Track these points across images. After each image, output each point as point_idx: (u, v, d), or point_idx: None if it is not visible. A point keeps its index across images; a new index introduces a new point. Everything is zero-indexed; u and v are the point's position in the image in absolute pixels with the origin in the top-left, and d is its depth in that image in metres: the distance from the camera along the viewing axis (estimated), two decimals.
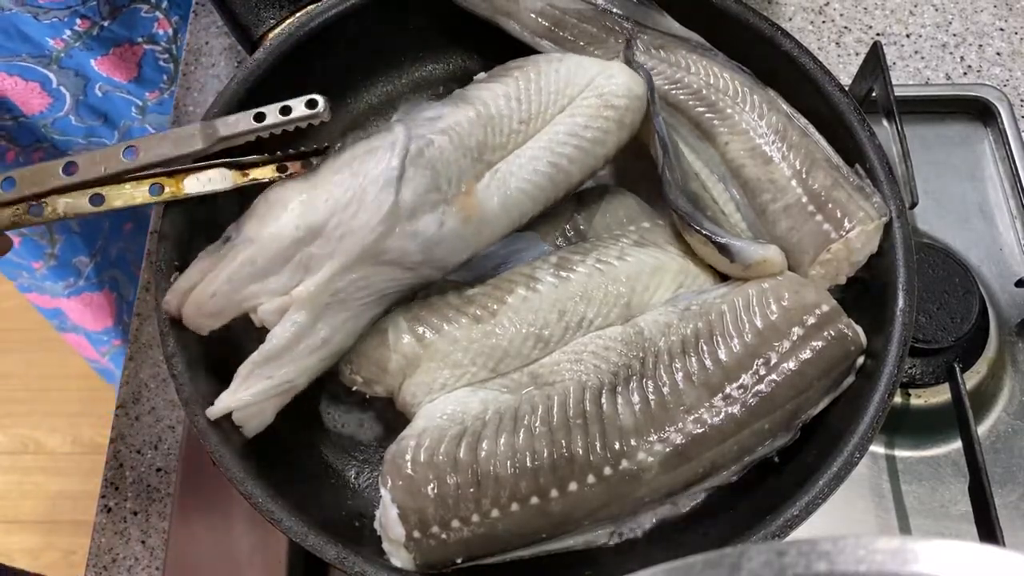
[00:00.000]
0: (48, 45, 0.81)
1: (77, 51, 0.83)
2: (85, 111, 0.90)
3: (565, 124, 0.53)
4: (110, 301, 1.06)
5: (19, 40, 0.80)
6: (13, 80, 0.83)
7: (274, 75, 0.56)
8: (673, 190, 0.53)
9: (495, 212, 0.50)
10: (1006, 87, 0.74)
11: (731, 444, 0.47)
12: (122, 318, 1.09)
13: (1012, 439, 0.60)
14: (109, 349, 1.14)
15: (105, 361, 1.16)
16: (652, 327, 0.50)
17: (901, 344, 0.48)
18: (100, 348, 1.14)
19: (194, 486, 0.60)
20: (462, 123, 0.50)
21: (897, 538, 0.20)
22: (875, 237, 0.51)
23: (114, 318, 1.08)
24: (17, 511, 1.54)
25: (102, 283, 1.04)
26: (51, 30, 0.80)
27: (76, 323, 1.09)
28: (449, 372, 0.50)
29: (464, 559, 0.47)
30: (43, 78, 0.84)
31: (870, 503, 0.59)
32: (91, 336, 1.11)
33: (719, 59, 0.57)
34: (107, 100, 0.90)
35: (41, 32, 0.80)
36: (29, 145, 0.89)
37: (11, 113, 0.86)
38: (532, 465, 0.46)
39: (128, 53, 0.87)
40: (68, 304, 1.05)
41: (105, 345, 1.13)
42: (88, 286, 1.03)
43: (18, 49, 0.80)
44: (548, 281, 0.51)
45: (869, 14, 0.78)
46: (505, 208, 0.51)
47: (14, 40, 0.80)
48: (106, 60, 0.85)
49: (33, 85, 0.84)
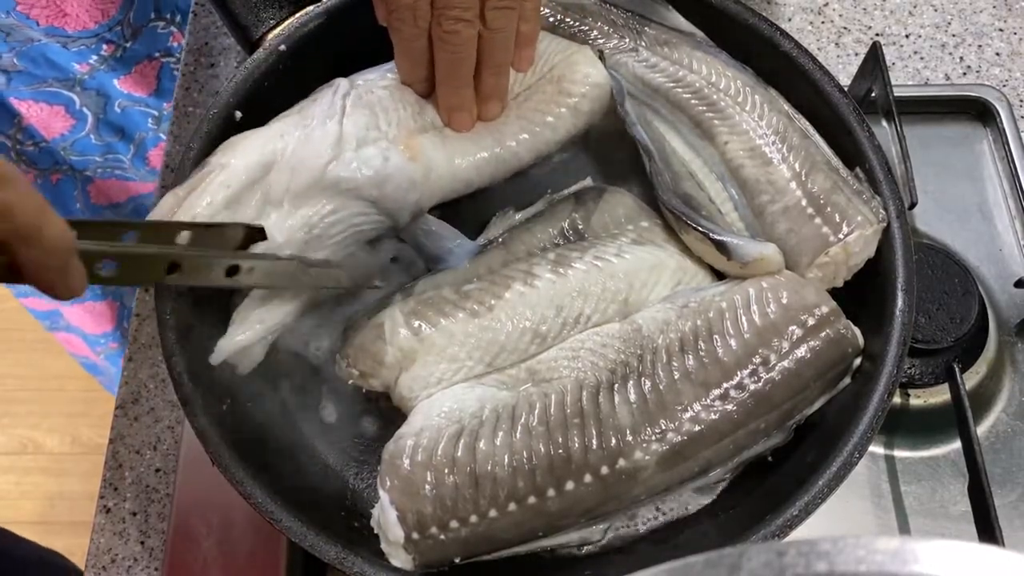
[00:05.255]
0: (74, 69, 0.82)
1: (101, 73, 0.84)
2: (105, 129, 0.90)
3: (516, 102, 0.55)
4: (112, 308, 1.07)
5: (47, 67, 0.81)
6: (39, 107, 0.84)
7: (274, 75, 0.56)
8: (666, 192, 0.53)
9: (440, 162, 0.52)
10: (1005, 87, 0.74)
11: (727, 443, 0.48)
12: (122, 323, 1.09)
13: (1011, 439, 0.60)
14: (104, 350, 1.14)
15: (100, 360, 1.16)
16: (650, 324, 0.50)
17: (900, 344, 0.48)
18: (95, 348, 1.14)
19: (194, 486, 0.60)
20: (403, 86, 0.53)
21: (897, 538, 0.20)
22: (873, 242, 0.51)
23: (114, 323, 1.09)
24: (16, 511, 1.54)
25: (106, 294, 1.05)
26: (78, 56, 0.81)
27: (74, 325, 1.09)
28: (446, 366, 0.50)
29: (462, 558, 0.47)
30: (68, 101, 0.85)
31: (870, 503, 0.59)
32: (87, 337, 1.11)
33: (722, 57, 0.57)
34: (125, 115, 0.91)
35: (68, 59, 0.81)
36: (48, 168, 0.90)
37: (33, 139, 0.87)
38: (530, 465, 0.46)
39: (147, 69, 0.88)
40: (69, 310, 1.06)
41: (101, 346, 1.13)
42: (92, 296, 1.04)
43: (45, 75, 0.81)
44: (546, 277, 0.51)
45: (868, 14, 0.78)
46: (450, 164, 0.53)
47: (42, 67, 0.81)
48: (128, 79, 0.87)
49: (58, 109, 0.85)
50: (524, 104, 0.55)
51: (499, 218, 0.57)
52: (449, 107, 0.53)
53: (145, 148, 0.95)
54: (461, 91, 0.52)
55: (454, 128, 0.53)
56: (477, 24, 0.48)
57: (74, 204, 0.94)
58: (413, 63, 0.52)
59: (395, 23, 0.49)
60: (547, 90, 0.55)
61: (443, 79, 0.51)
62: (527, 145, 0.55)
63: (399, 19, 0.49)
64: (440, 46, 0.49)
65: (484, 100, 0.53)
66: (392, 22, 0.49)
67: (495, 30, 0.49)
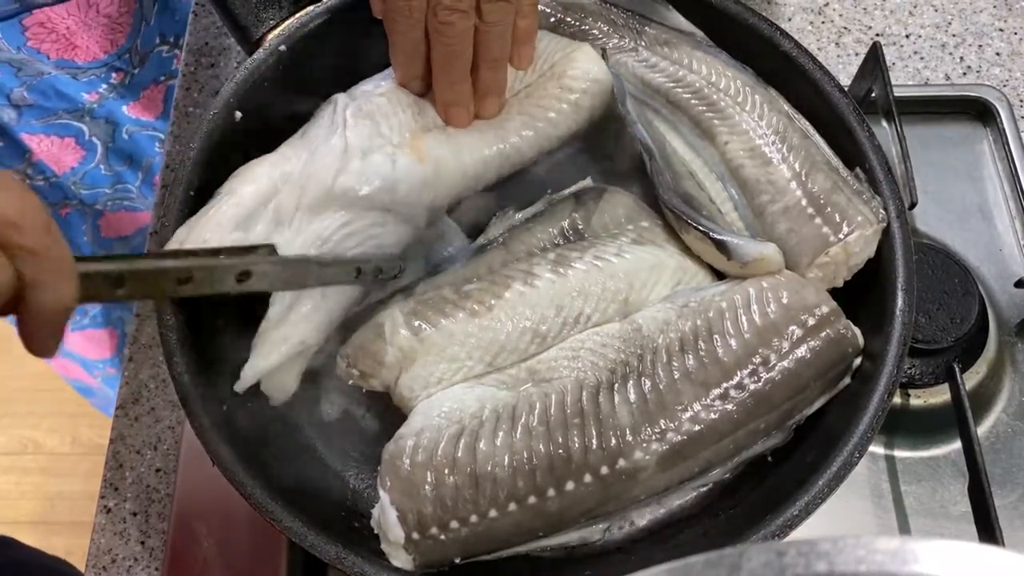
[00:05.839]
0: (83, 99, 0.82)
1: (110, 101, 0.84)
2: (114, 157, 0.90)
3: (517, 99, 0.55)
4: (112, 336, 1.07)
5: (56, 99, 0.81)
6: (50, 140, 0.84)
7: (274, 75, 0.56)
8: (666, 191, 0.53)
9: (447, 159, 0.52)
10: (1005, 87, 0.74)
11: (727, 443, 0.48)
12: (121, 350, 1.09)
13: (1011, 439, 0.60)
14: (102, 374, 1.14)
15: (96, 383, 1.16)
16: (650, 324, 0.50)
17: (900, 344, 0.48)
18: (93, 372, 1.14)
19: (194, 486, 0.60)
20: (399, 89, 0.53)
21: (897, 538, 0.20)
22: (873, 242, 0.51)
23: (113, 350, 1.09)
24: (16, 512, 1.54)
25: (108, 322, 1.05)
26: (87, 86, 0.81)
27: (72, 351, 1.09)
28: (446, 366, 0.50)
29: (462, 558, 0.47)
30: (77, 132, 0.85)
31: (870, 503, 0.59)
32: (86, 362, 1.11)
33: (722, 57, 0.57)
34: (132, 141, 0.91)
35: (78, 89, 0.81)
36: (57, 202, 0.90)
37: (44, 175, 0.87)
38: (530, 465, 0.46)
39: (154, 93, 0.88)
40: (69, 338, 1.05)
41: (99, 370, 1.13)
42: (92, 324, 1.04)
43: (56, 107, 0.81)
44: (546, 277, 0.51)
45: (868, 14, 0.78)
46: (457, 159, 0.53)
47: (52, 99, 0.81)
48: (137, 104, 0.87)
49: (68, 141, 0.85)
50: (525, 101, 0.55)
51: (499, 218, 0.57)
52: (446, 102, 0.53)
53: (152, 174, 0.95)
54: (456, 86, 0.52)
55: (452, 124, 0.53)
56: (472, 16, 0.48)
57: (82, 237, 0.94)
58: (408, 58, 0.52)
59: (391, 16, 0.49)
60: (548, 86, 0.55)
61: (439, 74, 0.51)
62: (530, 140, 0.55)
63: (395, 11, 0.49)
64: (436, 38, 0.49)
65: (482, 96, 0.53)
66: (388, 15, 0.49)
67: (491, 23, 0.49)
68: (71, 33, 0.75)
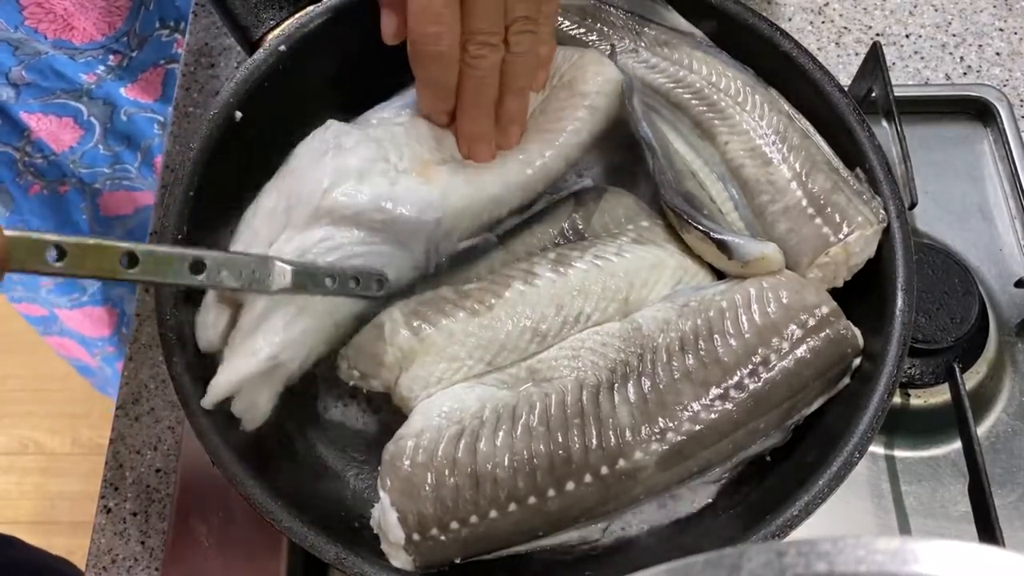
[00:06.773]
0: (81, 79, 0.83)
1: (108, 82, 0.85)
2: (112, 138, 0.91)
3: (532, 117, 0.54)
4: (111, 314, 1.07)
5: (54, 78, 0.81)
6: (48, 120, 0.84)
7: (274, 76, 0.56)
8: (668, 190, 0.53)
9: (459, 184, 0.50)
10: (1006, 87, 0.74)
11: (727, 443, 0.48)
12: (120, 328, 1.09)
13: (1012, 439, 0.60)
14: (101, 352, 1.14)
15: (95, 361, 1.16)
16: (650, 323, 0.50)
17: (900, 344, 0.48)
18: (92, 351, 1.14)
19: (194, 486, 0.60)
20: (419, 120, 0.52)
21: (897, 538, 0.20)
22: (873, 242, 0.51)
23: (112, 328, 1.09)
24: (16, 512, 1.54)
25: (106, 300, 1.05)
26: (85, 67, 0.82)
27: (71, 329, 1.09)
28: (446, 366, 0.50)
29: (462, 558, 0.47)
30: (76, 112, 0.85)
31: (870, 503, 0.59)
32: (85, 340, 1.12)
33: (722, 57, 0.57)
34: (131, 123, 0.91)
35: (76, 69, 0.81)
36: (56, 180, 0.90)
37: (42, 152, 0.87)
38: (530, 465, 0.46)
39: (153, 76, 0.88)
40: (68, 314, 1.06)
41: (98, 348, 1.13)
42: (92, 301, 1.04)
43: (53, 87, 0.82)
44: (546, 276, 0.51)
45: (868, 14, 0.78)
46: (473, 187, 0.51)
47: (50, 79, 0.81)
48: (135, 86, 0.87)
49: (67, 120, 0.85)
50: (541, 118, 0.54)
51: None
52: (470, 136, 0.51)
53: (151, 155, 0.95)
54: (481, 120, 0.50)
55: (474, 159, 0.52)
56: (502, 49, 0.48)
57: (80, 215, 0.94)
58: (436, 93, 0.50)
59: (418, 50, 0.47)
60: (561, 96, 0.54)
61: (467, 107, 0.50)
62: (555, 157, 0.53)
63: (422, 47, 0.47)
64: (466, 71, 0.48)
65: (505, 127, 0.52)
66: (415, 50, 0.48)
67: (518, 53, 0.48)
68: (68, 14, 0.75)
